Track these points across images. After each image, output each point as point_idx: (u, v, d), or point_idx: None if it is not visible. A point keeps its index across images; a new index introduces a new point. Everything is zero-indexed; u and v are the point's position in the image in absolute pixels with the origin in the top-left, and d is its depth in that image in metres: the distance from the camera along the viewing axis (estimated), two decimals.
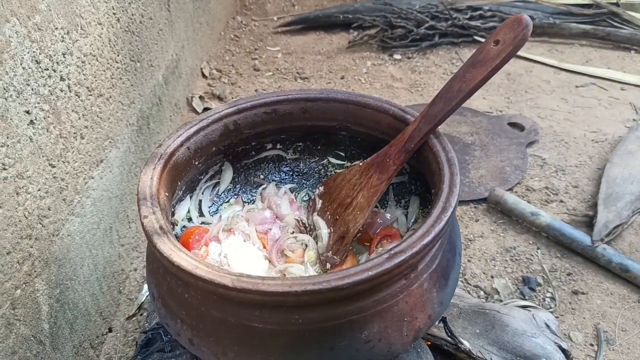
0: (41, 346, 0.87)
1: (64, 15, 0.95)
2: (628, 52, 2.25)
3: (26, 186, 0.83)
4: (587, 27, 2.32)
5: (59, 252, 0.93)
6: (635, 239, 1.35)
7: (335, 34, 2.55)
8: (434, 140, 0.79)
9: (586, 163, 1.63)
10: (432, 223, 0.66)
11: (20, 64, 0.82)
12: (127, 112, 1.27)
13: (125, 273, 1.24)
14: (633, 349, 1.10)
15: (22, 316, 0.82)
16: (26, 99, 0.83)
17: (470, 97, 0.76)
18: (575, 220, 1.40)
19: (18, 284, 0.81)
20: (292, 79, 2.18)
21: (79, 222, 1.01)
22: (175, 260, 0.62)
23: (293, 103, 0.93)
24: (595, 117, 1.85)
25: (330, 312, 0.62)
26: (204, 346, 0.68)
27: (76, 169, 1.00)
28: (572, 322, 1.16)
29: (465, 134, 1.75)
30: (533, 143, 1.71)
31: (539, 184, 1.54)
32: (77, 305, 1.00)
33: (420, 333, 0.71)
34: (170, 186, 0.81)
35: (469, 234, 1.39)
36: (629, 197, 1.39)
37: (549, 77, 2.10)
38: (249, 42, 2.50)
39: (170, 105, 1.69)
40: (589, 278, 1.26)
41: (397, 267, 0.61)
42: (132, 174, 1.28)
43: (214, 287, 0.60)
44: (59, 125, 0.93)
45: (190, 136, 0.85)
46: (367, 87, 2.10)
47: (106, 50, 1.15)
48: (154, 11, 1.51)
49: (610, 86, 2.02)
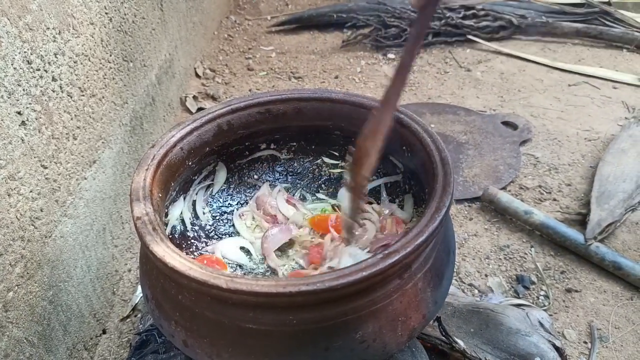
0: (34, 348, 0.87)
1: (55, 15, 0.95)
2: (620, 51, 2.27)
3: (18, 188, 0.82)
4: (579, 26, 2.33)
5: (52, 254, 0.93)
6: (628, 236, 1.36)
7: (329, 34, 2.54)
8: (428, 139, 0.79)
9: (579, 161, 1.64)
10: (425, 222, 0.66)
11: (12, 64, 0.81)
12: (120, 113, 1.26)
13: (119, 274, 1.24)
14: (626, 346, 1.11)
15: (14, 318, 0.81)
16: (17, 100, 0.82)
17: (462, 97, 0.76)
18: (569, 218, 1.41)
19: (10, 286, 0.80)
20: (286, 79, 2.18)
21: (72, 223, 1.00)
22: (169, 262, 0.62)
23: (287, 103, 0.93)
24: (588, 115, 1.86)
25: (324, 312, 0.62)
26: (198, 348, 0.67)
27: (69, 170, 0.99)
28: (565, 320, 1.17)
29: (459, 133, 1.75)
30: (526, 142, 1.72)
31: (533, 183, 1.55)
32: (71, 307, 1.00)
33: (415, 333, 0.71)
34: (164, 187, 0.81)
35: (463, 232, 1.39)
36: (622, 195, 1.40)
37: (542, 76, 2.11)
38: (243, 41, 2.49)
39: (164, 106, 1.69)
40: (583, 276, 1.27)
41: (391, 267, 0.61)
42: (125, 175, 1.28)
43: (208, 289, 0.60)
44: (51, 126, 0.93)
45: (184, 136, 0.85)
46: (361, 87, 2.10)
47: (98, 50, 1.14)
48: (146, 11, 1.50)
49: (602, 85, 2.03)
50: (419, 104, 1.92)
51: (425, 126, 0.82)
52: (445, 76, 2.12)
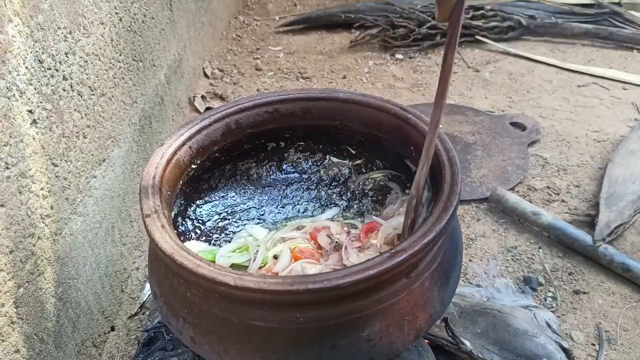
0: (44, 345, 0.88)
1: (66, 14, 0.96)
2: (630, 52, 2.25)
3: (29, 185, 0.83)
4: (589, 27, 2.32)
5: (61, 251, 0.93)
6: (637, 238, 1.35)
7: (337, 34, 2.54)
8: (436, 139, 0.79)
9: (588, 163, 1.63)
10: (433, 222, 0.66)
11: (23, 64, 0.82)
12: (129, 112, 1.27)
13: (127, 272, 1.25)
14: (635, 348, 1.10)
15: (25, 314, 0.82)
16: (29, 99, 0.83)
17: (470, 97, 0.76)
18: (577, 219, 1.40)
19: (21, 282, 0.81)
20: (294, 79, 2.18)
21: (82, 221, 1.01)
22: (177, 259, 0.63)
23: (295, 102, 0.93)
24: (597, 116, 1.85)
25: (331, 310, 0.62)
26: (205, 344, 0.68)
27: (79, 168, 1.00)
28: (573, 322, 1.16)
29: (467, 133, 1.75)
30: (535, 143, 1.71)
31: (541, 184, 1.54)
32: (80, 304, 1.01)
33: (422, 332, 0.71)
34: (173, 185, 0.81)
35: (470, 233, 1.39)
36: (631, 197, 1.39)
37: (551, 76, 2.10)
38: (251, 41, 2.50)
39: (173, 105, 1.70)
40: (591, 278, 1.26)
41: (398, 266, 0.61)
42: (134, 173, 1.28)
43: (216, 286, 0.61)
44: (62, 125, 0.94)
45: (193, 135, 0.86)
46: (369, 87, 2.10)
47: (108, 50, 1.15)
48: (156, 11, 1.51)
49: (612, 86, 2.02)
50: (427, 105, 1.92)
51: None
52: (454, 76, 2.12)
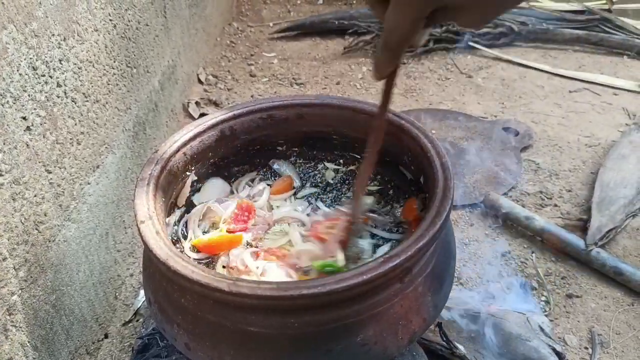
0: (37, 352, 0.87)
1: (60, 21, 0.96)
2: (621, 58, 2.27)
3: (22, 192, 0.83)
4: (580, 33, 2.34)
5: (55, 258, 0.93)
6: (628, 242, 1.36)
7: (330, 40, 2.56)
8: (428, 145, 0.80)
9: (580, 167, 1.64)
10: (426, 227, 0.66)
11: (17, 70, 0.82)
12: (123, 118, 1.27)
13: (121, 279, 1.24)
14: (627, 351, 1.11)
15: (18, 322, 0.82)
16: (23, 105, 0.83)
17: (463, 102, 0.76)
18: (569, 224, 1.41)
19: (14, 290, 0.81)
20: (288, 85, 2.19)
21: (75, 227, 1.01)
22: (172, 265, 0.63)
23: (289, 109, 0.94)
24: (588, 121, 1.87)
25: (326, 315, 0.63)
26: (200, 351, 0.68)
27: (72, 175, 1.00)
28: (566, 326, 1.17)
29: (460, 138, 1.76)
30: (527, 148, 1.73)
31: (533, 188, 1.55)
32: (73, 311, 1.00)
33: (416, 336, 0.71)
34: (167, 191, 0.81)
35: (464, 238, 1.40)
36: (623, 201, 1.40)
37: (543, 82, 2.12)
38: (245, 48, 2.51)
39: (167, 111, 1.70)
40: (583, 282, 1.27)
41: (392, 271, 0.62)
42: (128, 180, 1.28)
43: (210, 292, 0.61)
44: (56, 131, 0.94)
45: (187, 142, 0.86)
46: (362, 93, 2.11)
47: (102, 57, 1.15)
48: (150, 18, 1.52)
49: (603, 91, 2.04)
50: (419, 110, 1.93)
51: (426, 132, 0.83)
52: (447, 82, 2.13)
